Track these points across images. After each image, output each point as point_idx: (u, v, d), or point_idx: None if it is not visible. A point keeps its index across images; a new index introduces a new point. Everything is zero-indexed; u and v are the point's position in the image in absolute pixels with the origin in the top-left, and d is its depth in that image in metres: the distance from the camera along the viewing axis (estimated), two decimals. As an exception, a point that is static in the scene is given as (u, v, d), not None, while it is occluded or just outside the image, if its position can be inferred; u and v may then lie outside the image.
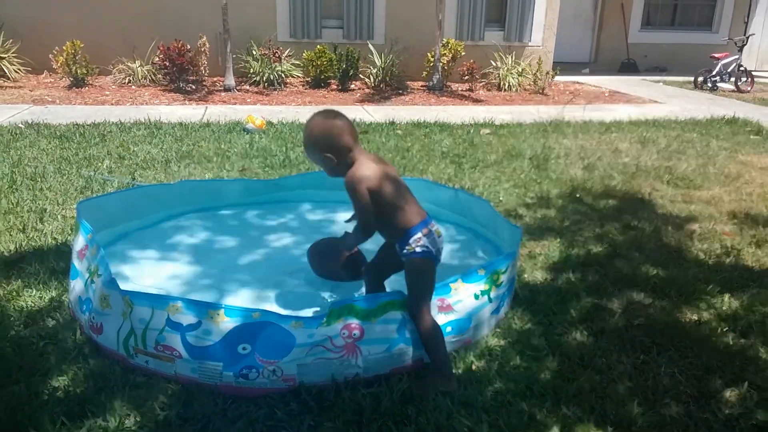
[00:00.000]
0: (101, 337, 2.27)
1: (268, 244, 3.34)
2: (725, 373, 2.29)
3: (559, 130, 6.73)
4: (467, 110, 8.13)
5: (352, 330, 2.12)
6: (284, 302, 2.68)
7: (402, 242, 2.26)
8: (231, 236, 3.40)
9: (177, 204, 3.60)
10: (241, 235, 3.42)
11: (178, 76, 8.68)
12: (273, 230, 3.52)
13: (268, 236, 3.43)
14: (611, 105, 9.13)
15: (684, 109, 8.66)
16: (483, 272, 2.45)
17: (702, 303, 2.83)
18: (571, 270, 3.11)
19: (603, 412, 2.04)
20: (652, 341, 2.48)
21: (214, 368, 2.07)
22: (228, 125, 6.29)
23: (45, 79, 9.03)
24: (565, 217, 3.93)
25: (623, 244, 3.51)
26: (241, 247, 3.27)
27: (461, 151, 5.57)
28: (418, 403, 2.04)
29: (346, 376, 2.13)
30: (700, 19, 14.79)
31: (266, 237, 3.42)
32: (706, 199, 4.47)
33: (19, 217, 3.57)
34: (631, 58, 13.99)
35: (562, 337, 2.50)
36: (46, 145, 5.23)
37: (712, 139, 6.61)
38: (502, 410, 2.02)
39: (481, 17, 10.92)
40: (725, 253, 3.45)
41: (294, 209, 3.84)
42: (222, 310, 2.09)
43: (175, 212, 3.60)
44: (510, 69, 10.16)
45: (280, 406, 2.01)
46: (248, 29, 9.58)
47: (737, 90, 10.97)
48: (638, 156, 5.70)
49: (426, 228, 2.26)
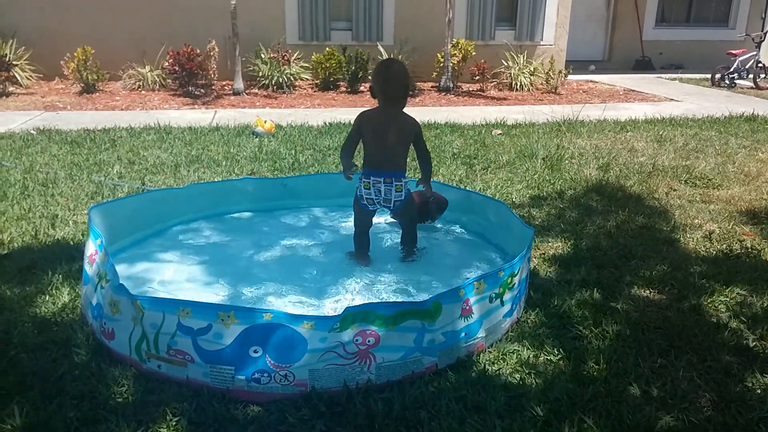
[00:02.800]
0: (113, 342, 2.27)
1: (280, 246, 3.32)
2: (746, 377, 2.24)
3: (573, 130, 6.66)
4: (478, 111, 8.09)
5: (366, 337, 2.09)
6: (297, 305, 2.66)
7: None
8: (241, 239, 3.39)
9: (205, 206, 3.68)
10: (251, 238, 3.41)
11: (188, 81, 8.72)
12: (284, 233, 3.50)
13: (280, 239, 3.41)
14: (626, 103, 9.04)
15: (701, 107, 8.55)
16: (502, 274, 2.41)
17: (721, 305, 2.77)
18: (585, 272, 3.06)
19: (620, 417, 2.00)
20: (669, 344, 2.44)
21: (226, 372, 2.06)
22: (237, 129, 6.30)
23: (56, 85, 9.12)
24: (579, 218, 3.88)
25: (639, 245, 3.46)
26: (254, 250, 3.26)
27: (473, 152, 5.54)
28: (430, 408, 2.02)
29: (358, 382, 2.10)
30: (716, 15, 14.60)
31: (278, 240, 3.40)
32: (726, 198, 4.40)
33: (31, 223, 3.59)
34: (645, 55, 13.86)
35: (577, 340, 2.46)
36: (58, 150, 5.27)
37: (730, 137, 6.51)
38: (516, 415, 1.99)
39: (492, 16, 10.86)
40: (745, 253, 3.38)
41: (304, 211, 3.83)
42: (232, 312, 2.08)
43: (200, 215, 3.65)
44: (522, 68, 10.10)
45: (292, 411, 2.00)
46: (257, 33, 9.61)
47: (756, 87, 10.81)
48: (655, 155, 5.62)
49: (367, 179, 2.89)
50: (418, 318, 2.17)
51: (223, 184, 4.01)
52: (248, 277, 2.94)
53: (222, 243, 3.37)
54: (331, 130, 6.35)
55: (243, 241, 3.36)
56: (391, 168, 2.91)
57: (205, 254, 3.20)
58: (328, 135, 6.12)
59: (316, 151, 5.47)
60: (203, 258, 3.15)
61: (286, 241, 3.38)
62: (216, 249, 3.28)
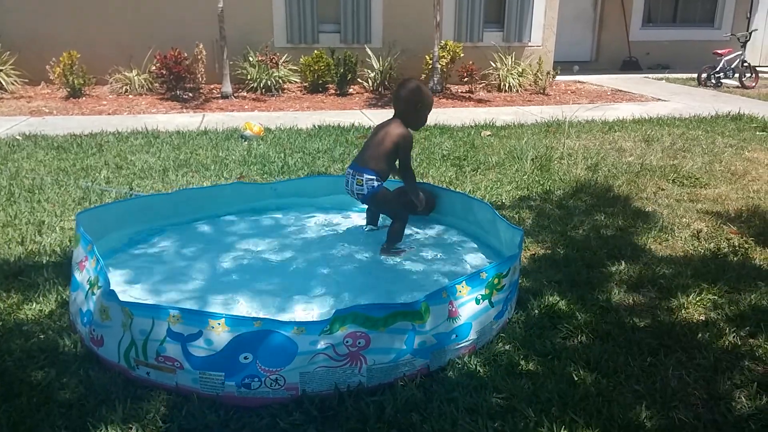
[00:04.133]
0: (102, 349, 2.24)
1: (270, 251, 3.30)
2: (734, 374, 2.25)
3: (562, 131, 6.70)
4: (467, 112, 8.11)
5: (357, 338, 2.09)
6: (286, 310, 2.65)
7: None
8: (232, 244, 3.37)
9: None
10: (242, 243, 3.39)
11: (175, 85, 8.68)
12: (272, 237, 3.49)
13: (269, 243, 3.39)
14: (614, 104, 9.09)
15: (688, 107, 8.62)
16: (485, 276, 2.42)
17: (709, 303, 2.80)
18: (575, 272, 3.07)
19: (610, 417, 2.01)
20: (659, 343, 2.45)
21: (215, 378, 2.05)
22: (226, 132, 6.27)
23: (42, 90, 9.04)
24: (568, 218, 3.90)
25: (628, 244, 3.48)
26: (245, 255, 3.24)
27: (462, 153, 5.55)
28: (422, 410, 2.01)
29: (349, 385, 2.10)
30: (702, 15, 14.73)
31: (267, 244, 3.38)
32: (713, 197, 4.44)
33: (17, 230, 3.55)
34: (633, 56, 13.96)
35: (568, 341, 2.47)
36: (44, 156, 5.22)
37: (717, 136, 6.57)
38: (507, 416, 1.99)
39: (480, 18, 10.90)
40: (733, 251, 3.41)
41: (294, 215, 3.82)
42: (223, 320, 2.07)
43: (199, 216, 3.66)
44: (510, 69, 10.14)
45: (283, 415, 1.99)
46: (245, 36, 9.58)
47: (741, 86, 10.92)
48: (643, 155, 5.66)
49: (349, 169, 3.28)
50: (408, 319, 2.17)
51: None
52: (238, 281, 2.93)
53: (210, 248, 3.34)
54: (320, 133, 6.34)
55: (231, 246, 3.34)
56: (360, 164, 3.26)
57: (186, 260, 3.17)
58: (318, 138, 6.11)
59: (305, 154, 5.46)
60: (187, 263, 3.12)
61: (273, 244, 3.36)
62: (204, 254, 3.26)
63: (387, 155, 3.22)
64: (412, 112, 3.29)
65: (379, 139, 3.24)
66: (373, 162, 3.22)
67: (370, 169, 3.20)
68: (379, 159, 3.22)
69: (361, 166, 3.23)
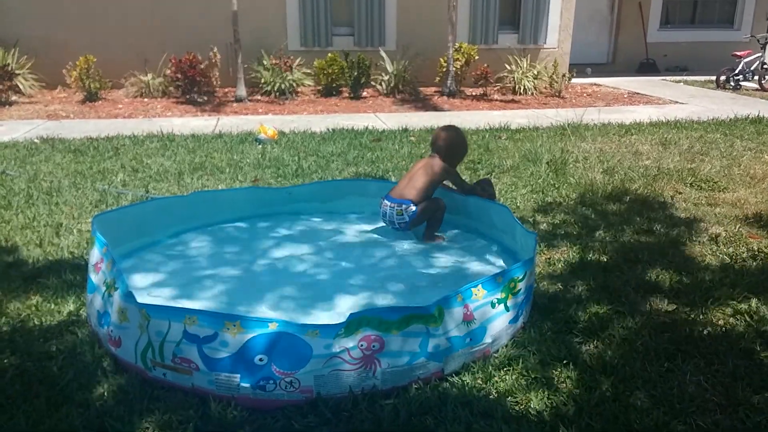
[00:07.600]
0: (120, 350, 2.27)
1: (285, 254, 3.32)
2: (753, 380, 2.22)
3: (578, 133, 6.65)
4: (482, 115, 8.09)
5: (371, 342, 2.09)
6: (302, 313, 2.66)
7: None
8: (247, 248, 3.39)
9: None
10: (257, 247, 3.41)
11: (190, 88, 8.76)
12: (288, 241, 3.50)
13: (284, 247, 3.41)
14: (631, 106, 9.02)
15: (706, 109, 8.53)
16: (501, 280, 2.41)
17: (728, 308, 2.76)
18: (591, 276, 3.05)
19: (627, 422, 1.99)
20: (676, 348, 2.42)
21: (231, 380, 2.06)
22: (240, 136, 6.31)
23: (59, 94, 9.16)
24: (584, 223, 3.87)
25: (645, 248, 3.44)
26: (259, 258, 3.25)
27: (476, 156, 5.53)
28: (436, 414, 2.01)
29: (364, 388, 2.10)
30: (721, 16, 14.55)
31: (282, 248, 3.40)
32: (732, 201, 4.38)
33: (35, 232, 3.60)
34: (650, 57, 13.82)
35: (584, 345, 2.45)
36: (61, 159, 5.29)
37: (736, 139, 6.49)
38: (522, 421, 1.98)
39: (495, 20, 10.86)
40: (752, 256, 3.37)
41: (307, 219, 3.83)
42: (239, 322, 2.08)
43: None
44: (525, 72, 10.09)
45: (298, 418, 1.99)
46: (259, 39, 9.64)
47: (761, 89, 10.77)
48: (660, 158, 5.61)
49: (383, 199, 3.44)
50: (423, 323, 2.16)
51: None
52: (251, 285, 2.94)
53: (226, 251, 3.36)
54: (334, 136, 6.36)
55: (244, 250, 3.36)
56: (397, 196, 3.42)
57: (203, 263, 3.19)
58: (332, 141, 6.12)
59: (319, 157, 5.47)
60: (204, 266, 3.15)
61: (290, 248, 3.38)
62: (220, 257, 3.28)
63: (426, 186, 3.43)
64: (449, 155, 3.55)
65: (420, 172, 3.46)
66: (412, 192, 3.39)
67: (407, 199, 3.38)
68: (420, 190, 3.40)
69: (398, 197, 3.41)
